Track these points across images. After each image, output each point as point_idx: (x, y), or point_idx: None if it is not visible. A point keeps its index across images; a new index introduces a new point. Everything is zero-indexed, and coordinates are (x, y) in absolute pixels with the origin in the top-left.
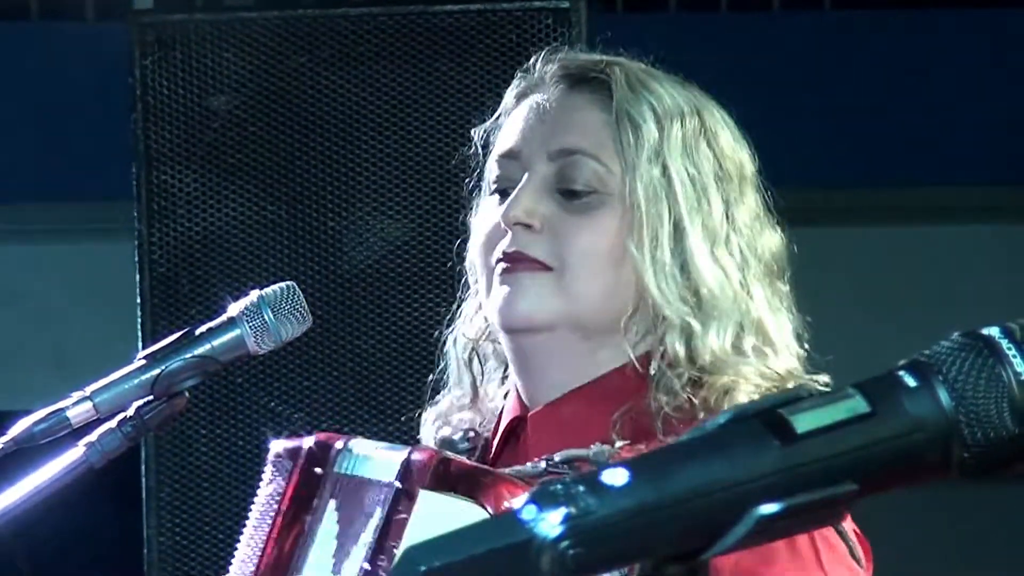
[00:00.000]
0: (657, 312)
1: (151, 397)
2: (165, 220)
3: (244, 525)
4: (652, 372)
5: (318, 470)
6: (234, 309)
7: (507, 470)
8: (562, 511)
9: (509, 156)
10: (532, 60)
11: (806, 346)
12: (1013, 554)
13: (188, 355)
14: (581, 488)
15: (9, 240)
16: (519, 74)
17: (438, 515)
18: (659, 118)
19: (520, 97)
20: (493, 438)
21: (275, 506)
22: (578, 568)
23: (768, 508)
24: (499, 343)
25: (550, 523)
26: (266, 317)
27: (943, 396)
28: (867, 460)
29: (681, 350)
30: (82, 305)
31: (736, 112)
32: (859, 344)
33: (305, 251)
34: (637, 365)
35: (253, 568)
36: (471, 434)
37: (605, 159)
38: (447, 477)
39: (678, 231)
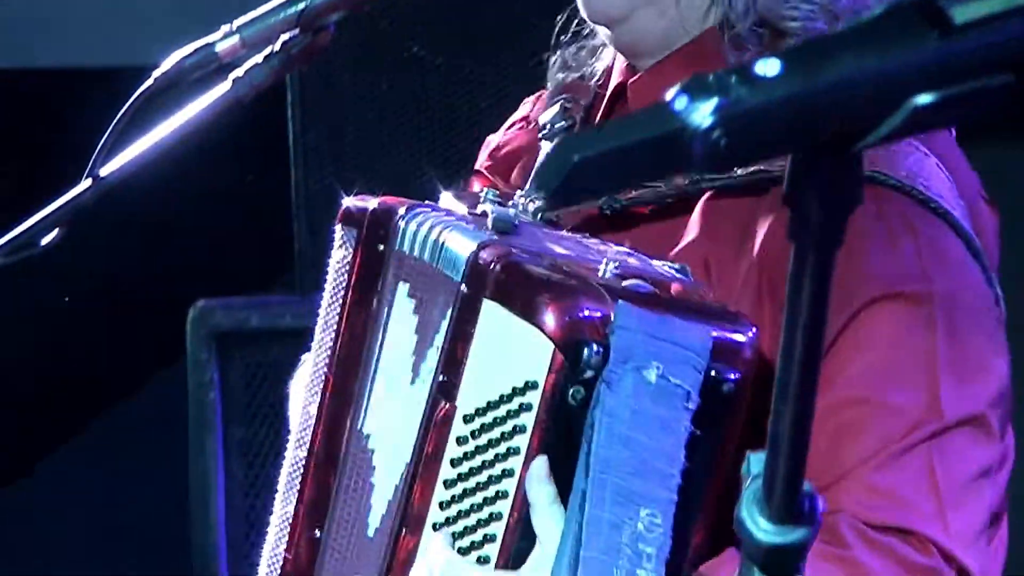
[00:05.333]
0: None
1: (297, 30)
2: None
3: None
4: (730, 26)
5: (380, 247)
6: None
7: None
8: (714, 101)
9: None
10: None
11: None
12: None
13: None
14: (733, 79)
15: None
16: None
17: (502, 335)
18: None
19: None
20: (600, 101)
21: (345, 276)
22: (730, 156)
23: (923, 98)
24: None
25: (702, 113)
26: None
27: None
28: None
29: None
30: None
31: None
32: None
33: None
34: (719, 22)
35: (329, 351)
36: (569, 105)
37: None
38: (511, 287)
39: None
